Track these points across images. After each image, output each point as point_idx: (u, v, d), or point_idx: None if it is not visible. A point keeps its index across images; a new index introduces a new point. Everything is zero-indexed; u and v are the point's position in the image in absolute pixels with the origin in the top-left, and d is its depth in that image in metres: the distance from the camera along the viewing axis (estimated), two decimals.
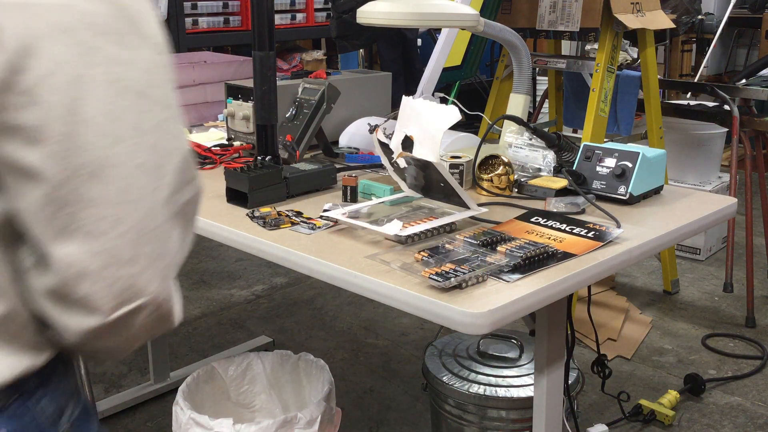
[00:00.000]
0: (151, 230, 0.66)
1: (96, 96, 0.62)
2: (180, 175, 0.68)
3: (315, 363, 2.00)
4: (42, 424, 0.73)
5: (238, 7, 4.41)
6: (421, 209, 1.47)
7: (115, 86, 0.63)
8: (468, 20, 1.68)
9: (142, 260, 0.66)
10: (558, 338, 1.40)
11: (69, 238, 0.63)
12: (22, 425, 0.71)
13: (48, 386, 0.74)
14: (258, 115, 1.61)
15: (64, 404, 0.77)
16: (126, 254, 0.65)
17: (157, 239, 0.67)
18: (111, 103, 0.63)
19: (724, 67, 6.66)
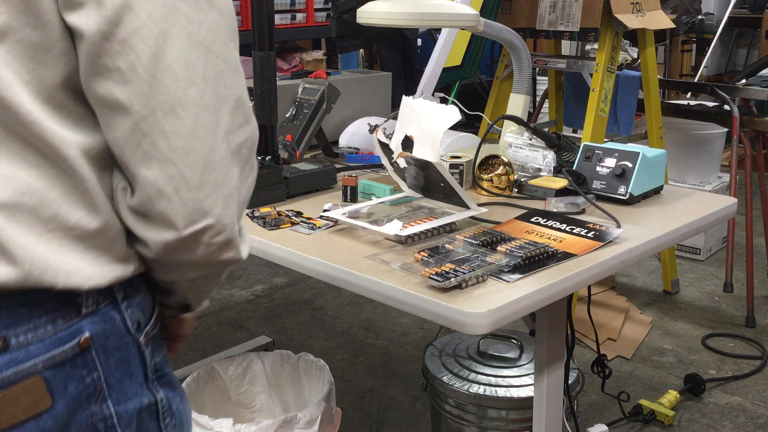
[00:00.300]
0: (214, 162, 0.78)
1: (176, 47, 0.75)
2: (233, 117, 0.80)
3: (315, 363, 2.00)
4: (127, 328, 0.85)
5: (238, 7, 4.41)
6: (421, 209, 1.47)
7: (190, 41, 0.76)
8: (468, 20, 1.68)
9: (207, 187, 0.77)
10: (558, 338, 1.40)
11: (150, 164, 0.76)
12: (111, 327, 0.84)
13: (133, 298, 0.86)
14: (258, 115, 1.61)
15: (144, 318, 0.88)
16: (194, 180, 0.77)
17: (219, 171, 0.78)
18: (186, 54, 0.76)
19: (724, 67, 6.66)
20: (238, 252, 0.85)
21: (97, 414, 0.84)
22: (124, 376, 0.86)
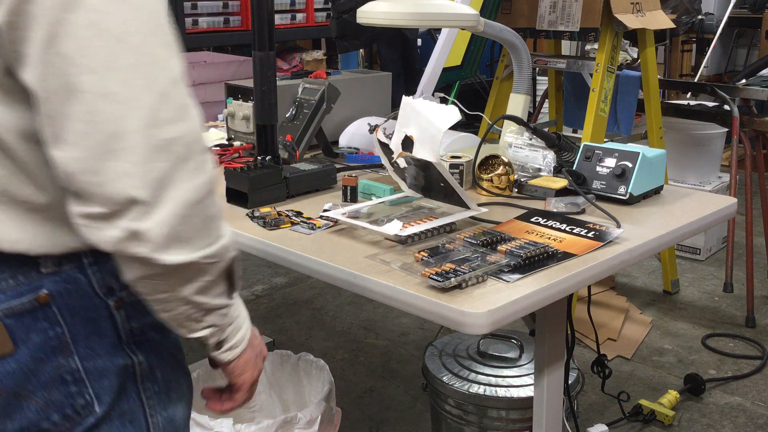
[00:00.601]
0: (117, 151, 0.79)
1: (72, 34, 0.77)
2: (156, 111, 0.80)
3: (315, 363, 2.00)
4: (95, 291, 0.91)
5: (238, 7, 4.41)
6: (421, 209, 1.47)
7: (92, 29, 0.78)
8: (468, 20, 1.68)
9: (108, 173, 0.79)
10: (558, 338, 1.40)
11: (59, 145, 0.80)
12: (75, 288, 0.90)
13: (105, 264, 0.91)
14: (258, 115, 1.61)
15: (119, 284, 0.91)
16: (92, 165, 0.79)
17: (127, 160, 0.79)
18: (86, 42, 0.78)
19: (724, 67, 6.66)
20: (150, 251, 0.82)
21: (64, 366, 0.91)
22: (92, 335, 0.92)
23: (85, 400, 0.94)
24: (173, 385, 1.04)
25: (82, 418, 0.94)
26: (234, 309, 0.99)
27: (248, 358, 1.04)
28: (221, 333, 0.98)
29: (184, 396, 1.07)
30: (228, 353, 1.01)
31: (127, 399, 0.97)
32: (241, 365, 1.04)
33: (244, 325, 1.02)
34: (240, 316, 1.01)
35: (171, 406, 1.03)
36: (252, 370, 1.06)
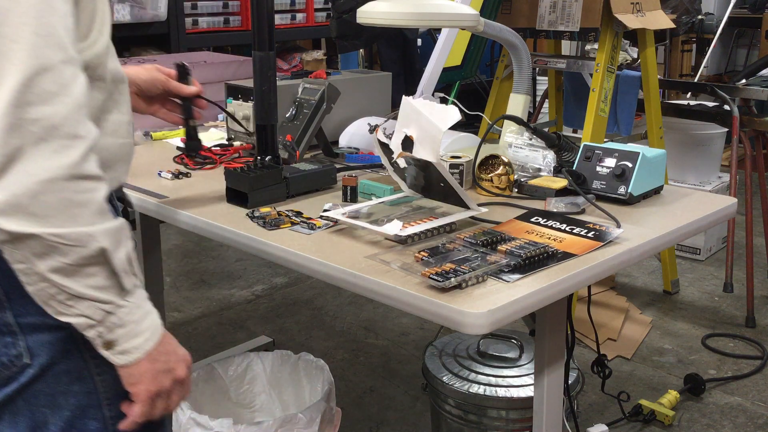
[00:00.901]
0: None
1: None
2: (21, 94, 0.89)
3: (315, 363, 2.00)
4: None
5: (238, 7, 4.41)
6: (421, 209, 1.47)
7: None
8: (468, 20, 1.68)
9: None
10: (558, 338, 1.40)
11: None
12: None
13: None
14: (258, 115, 1.61)
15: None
16: None
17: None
18: None
19: (724, 67, 6.66)
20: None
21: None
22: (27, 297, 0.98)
23: (18, 350, 1.04)
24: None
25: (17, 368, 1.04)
26: (129, 313, 1.01)
27: (145, 370, 1.05)
28: (107, 332, 1.00)
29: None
30: (119, 357, 1.03)
31: (71, 358, 1.04)
32: (136, 375, 1.05)
33: (143, 335, 1.03)
34: (140, 324, 1.03)
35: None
36: (148, 384, 1.06)
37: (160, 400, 1.09)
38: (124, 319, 1.01)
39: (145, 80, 1.49)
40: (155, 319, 1.06)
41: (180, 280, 3.55)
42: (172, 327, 3.03)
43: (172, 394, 1.11)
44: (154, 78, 1.49)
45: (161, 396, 1.09)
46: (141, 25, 3.95)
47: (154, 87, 1.50)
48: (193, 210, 1.51)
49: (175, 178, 1.72)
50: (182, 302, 3.31)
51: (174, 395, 1.11)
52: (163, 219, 1.59)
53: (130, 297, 1.02)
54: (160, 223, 2.39)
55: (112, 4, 3.77)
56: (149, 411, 1.09)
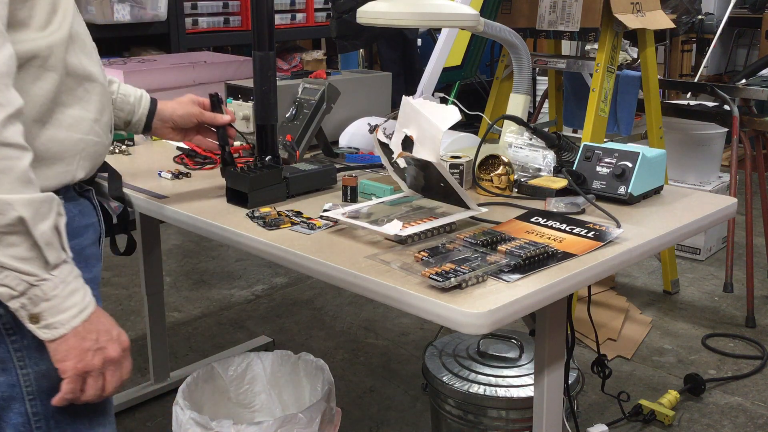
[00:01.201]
0: None
1: None
2: None
3: (315, 363, 2.00)
4: None
5: (238, 7, 4.41)
6: (421, 209, 1.47)
7: None
8: (468, 20, 1.68)
9: None
10: (558, 338, 1.40)
11: None
12: None
13: None
14: (258, 115, 1.61)
15: None
16: None
17: None
18: None
19: (724, 67, 6.66)
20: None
21: None
22: None
23: None
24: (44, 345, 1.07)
25: None
26: (54, 288, 1.03)
27: (73, 346, 1.06)
28: (31, 305, 1.02)
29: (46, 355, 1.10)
30: (44, 332, 1.04)
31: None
32: (62, 351, 1.06)
33: (70, 311, 1.05)
34: (67, 299, 1.04)
35: (44, 362, 1.08)
36: (75, 361, 1.07)
37: (91, 380, 1.10)
38: (48, 293, 1.02)
39: (180, 116, 1.56)
40: (85, 296, 1.08)
41: (180, 280, 3.55)
42: (172, 327, 3.03)
43: (105, 374, 1.11)
44: (189, 113, 1.57)
45: (92, 375, 1.10)
46: (141, 25, 3.95)
47: (189, 121, 1.58)
48: (193, 210, 1.51)
49: (175, 178, 1.72)
50: (182, 302, 3.31)
51: (108, 375, 1.12)
52: (163, 219, 1.59)
53: (56, 271, 1.03)
54: (160, 223, 2.39)
55: (111, 4, 3.77)
56: (78, 389, 1.10)
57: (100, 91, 1.24)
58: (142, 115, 1.54)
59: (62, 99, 1.16)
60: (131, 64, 2.33)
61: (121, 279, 3.51)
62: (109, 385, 1.13)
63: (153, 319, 2.50)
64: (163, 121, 1.56)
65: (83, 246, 1.23)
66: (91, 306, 1.09)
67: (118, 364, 1.13)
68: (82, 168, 1.22)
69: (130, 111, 1.53)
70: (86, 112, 1.20)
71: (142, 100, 1.54)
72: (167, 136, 1.60)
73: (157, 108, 1.55)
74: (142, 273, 2.47)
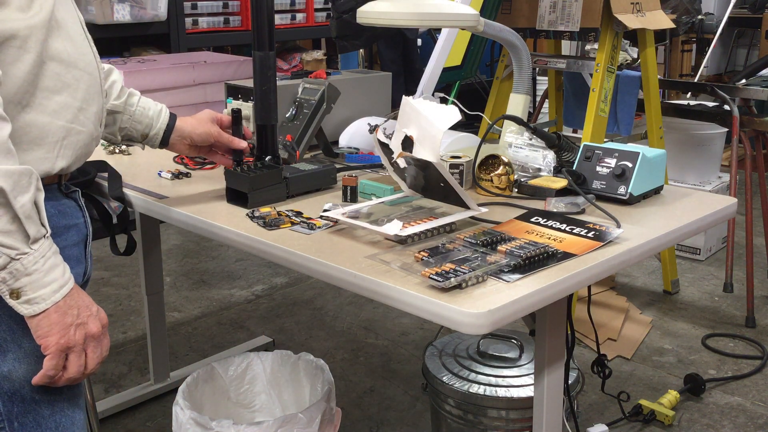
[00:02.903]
0: None
1: None
2: None
3: (315, 363, 2.00)
4: None
5: (238, 7, 4.41)
6: (421, 209, 1.47)
7: None
8: (468, 20, 1.68)
9: None
10: (558, 338, 1.40)
11: None
12: None
13: None
14: (258, 115, 1.61)
15: None
16: None
17: None
18: None
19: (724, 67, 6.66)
20: None
21: None
22: None
23: None
24: (10, 346, 1.09)
25: None
26: (35, 262, 1.03)
27: (55, 321, 1.07)
28: (12, 279, 1.02)
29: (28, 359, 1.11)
30: (25, 307, 1.05)
31: None
32: (45, 326, 1.07)
33: (51, 286, 1.06)
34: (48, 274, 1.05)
35: (6, 364, 1.09)
36: (58, 336, 1.08)
37: (74, 356, 1.11)
38: (29, 267, 1.03)
39: (200, 134, 1.57)
40: (65, 271, 1.08)
41: (180, 280, 3.55)
42: (172, 327, 3.03)
43: (87, 350, 1.12)
44: (208, 133, 1.58)
45: (74, 351, 1.10)
46: (141, 25, 3.95)
47: (207, 141, 1.59)
48: (193, 210, 1.51)
49: (175, 178, 1.72)
50: (182, 302, 3.31)
51: (89, 352, 1.12)
52: (163, 219, 1.59)
53: (36, 245, 1.04)
54: (160, 223, 2.40)
55: (111, 4, 3.77)
56: (60, 365, 1.11)
57: (88, 80, 1.24)
58: (160, 129, 1.55)
59: (48, 84, 1.16)
60: (131, 64, 2.33)
61: (121, 279, 3.51)
62: (90, 362, 1.13)
63: (153, 319, 2.50)
64: (181, 138, 1.57)
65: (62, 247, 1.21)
66: (71, 282, 1.10)
67: (99, 341, 1.14)
68: (63, 157, 1.20)
69: (148, 124, 1.54)
70: (72, 100, 1.20)
71: (161, 115, 1.55)
72: (183, 152, 1.61)
73: (176, 124, 1.56)
74: (142, 273, 2.47)
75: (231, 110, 1.64)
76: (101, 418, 2.39)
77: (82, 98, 1.22)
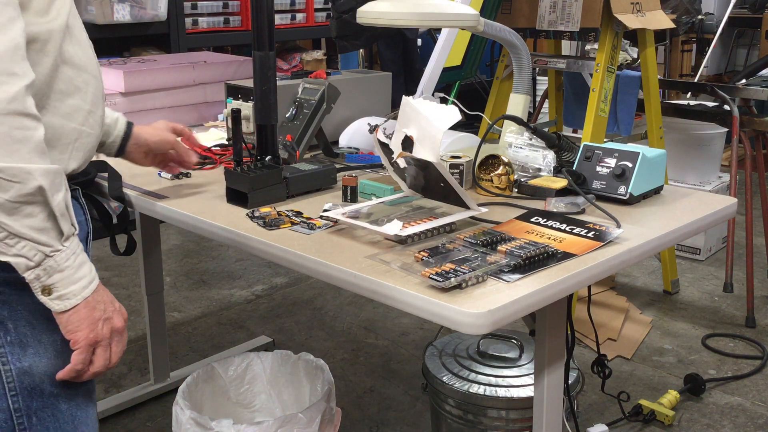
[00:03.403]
0: None
1: None
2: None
3: (315, 363, 2.00)
4: None
5: (238, 7, 4.41)
6: (421, 209, 1.47)
7: None
8: (468, 20, 1.68)
9: None
10: (558, 338, 1.40)
11: None
12: None
13: None
14: (258, 115, 1.61)
15: None
16: None
17: None
18: None
19: (724, 67, 6.66)
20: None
21: None
22: None
23: None
24: (30, 341, 1.11)
25: None
26: (67, 259, 1.05)
27: (84, 316, 1.10)
28: (45, 276, 1.04)
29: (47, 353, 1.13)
30: (58, 302, 1.07)
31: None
32: (75, 322, 1.09)
33: (80, 282, 1.08)
34: (78, 270, 1.07)
35: (27, 359, 1.10)
36: (87, 331, 1.11)
37: (101, 350, 1.13)
38: (61, 264, 1.05)
39: (156, 141, 1.57)
40: (92, 268, 1.11)
41: (180, 280, 3.55)
42: (172, 327, 3.03)
43: (111, 344, 1.15)
44: (165, 140, 1.59)
45: (101, 345, 1.13)
46: (141, 25, 3.95)
47: (164, 147, 1.59)
48: (193, 210, 1.51)
49: (175, 178, 1.72)
50: (182, 302, 3.31)
51: (113, 346, 1.15)
52: (163, 219, 1.59)
53: (67, 242, 1.06)
54: (160, 223, 2.40)
55: (111, 4, 3.77)
56: (88, 359, 1.13)
57: (95, 84, 1.27)
58: (117, 137, 1.54)
59: (61, 87, 1.18)
60: (131, 64, 2.33)
61: (121, 279, 3.51)
62: (114, 356, 1.17)
63: (153, 319, 2.50)
64: (138, 145, 1.56)
65: None
66: (97, 278, 1.13)
67: (122, 335, 1.18)
68: (74, 159, 1.23)
69: (107, 132, 1.53)
70: (83, 103, 1.22)
71: (118, 123, 1.54)
72: (139, 161, 1.59)
73: (132, 131, 1.55)
74: (142, 273, 2.47)
75: (231, 110, 1.64)
76: (101, 418, 2.39)
77: (91, 101, 1.25)
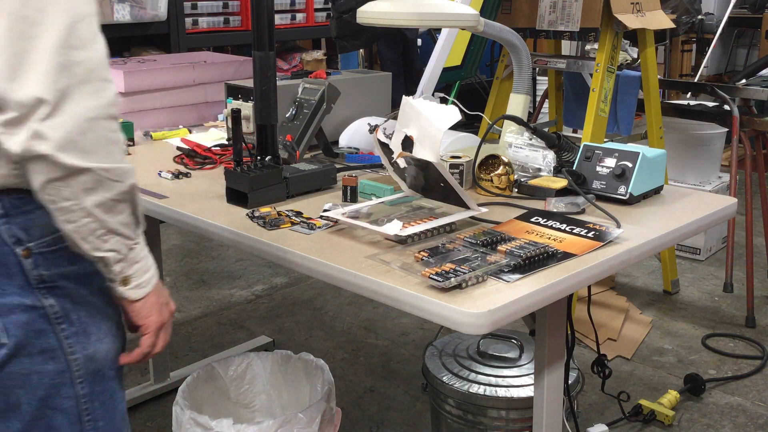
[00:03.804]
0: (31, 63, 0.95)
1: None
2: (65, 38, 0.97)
3: (315, 363, 2.00)
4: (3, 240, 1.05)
5: (238, 7, 4.41)
6: (421, 209, 1.47)
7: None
8: (468, 20, 1.68)
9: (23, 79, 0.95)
10: (558, 338, 1.40)
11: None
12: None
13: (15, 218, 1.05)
14: (258, 115, 1.61)
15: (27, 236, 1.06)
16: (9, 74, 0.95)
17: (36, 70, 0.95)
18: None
19: (724, 67, 6.66)
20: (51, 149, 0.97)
21: None
22: (2, 276, 1.06)
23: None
24: (92, 329, 1.15)
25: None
26: (140, 249, 1.11)
27: (154, 302, 1.16)
28: (128, 267, 1.10)
29: (106, 338, 1.17)
30: (135, 291, 1.12)
31: (45, 338, 1.10)
32: (148, 307, 1.15)
33: (150, 270, 1.14)
34: (147, 259, 1.13)
35: (91, 346, 1.15)
36: (157, 315, 1.17)
37: (164, 332, 1.21)
38: (138, 255, 1.11)
39: None
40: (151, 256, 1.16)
41: (180, 280, 3.55)
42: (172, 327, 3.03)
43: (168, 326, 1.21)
44: None
45: (165, 328, 1.20)
46: (141, 25, 3.95)
47: None
48: (193, 210, 1.51)
49: (175, 178, 1.72)
50: (182, 302, 3.31)
51: (169, 328, 1.22)
52: (163, 219, 1.59)
53: (140, 235, 1.12)
54: (160, 223, 2.39)
55: (111, 4, 3.77)
56: (154, 342, 1.20)
57: None
58: None
59: None
60: (131, 64, 2.33)
61: None
62: (168, 337, 1.23)
63: None
64: None
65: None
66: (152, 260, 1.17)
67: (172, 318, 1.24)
68: None
69: None
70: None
71: None
72: None
73: None
74: None
75: (231, 110, 1.64)
76: None
77: None
